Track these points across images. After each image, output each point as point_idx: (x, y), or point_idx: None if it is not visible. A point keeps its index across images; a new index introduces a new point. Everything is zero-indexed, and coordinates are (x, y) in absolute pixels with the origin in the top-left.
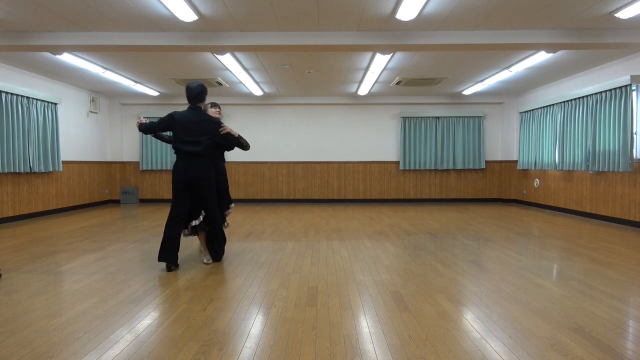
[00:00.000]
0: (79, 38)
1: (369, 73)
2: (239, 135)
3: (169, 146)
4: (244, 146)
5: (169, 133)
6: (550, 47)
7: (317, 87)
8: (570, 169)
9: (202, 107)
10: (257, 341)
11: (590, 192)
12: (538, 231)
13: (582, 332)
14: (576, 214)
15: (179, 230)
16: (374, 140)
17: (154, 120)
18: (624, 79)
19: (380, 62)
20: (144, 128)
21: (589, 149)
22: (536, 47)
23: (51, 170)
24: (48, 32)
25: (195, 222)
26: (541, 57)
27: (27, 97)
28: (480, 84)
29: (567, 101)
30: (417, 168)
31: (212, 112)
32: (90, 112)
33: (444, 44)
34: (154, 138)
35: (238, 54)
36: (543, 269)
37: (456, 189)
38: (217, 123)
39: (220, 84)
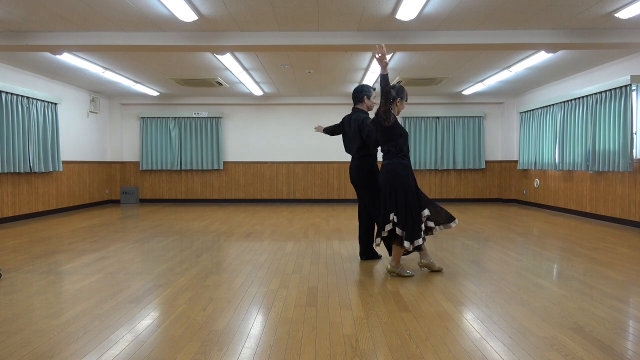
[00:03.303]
0: (79, 38)
1: (369, 73)
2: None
3: (169, 147)
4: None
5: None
6: (550, 47)
7: (317, 87)
8: (570, 169)
9: (368, 107)
10: (257, 341)
11: (590, 192)
12: (538, 231)
13: (582, 332)
14: (576, 214)
15: (362, 225)
16: None
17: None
18: (624, 79)
19: None
20: (329, 130)
21: (589, 149)
22: (536, 47)
23: (51, 170)
24: (48, 32)
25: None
26: (541, 57)
27: (27, 97)
28: (480, 84)
29: (567, 101)
30: (417, 168)
31: (368, 103)
32: (90, 112)
33: (444, 44)
34: (154, 138)
35: (238, 54)
36: (543, 269)
37: (456, 189)
38: (363, 121)
39: (220, 84)
